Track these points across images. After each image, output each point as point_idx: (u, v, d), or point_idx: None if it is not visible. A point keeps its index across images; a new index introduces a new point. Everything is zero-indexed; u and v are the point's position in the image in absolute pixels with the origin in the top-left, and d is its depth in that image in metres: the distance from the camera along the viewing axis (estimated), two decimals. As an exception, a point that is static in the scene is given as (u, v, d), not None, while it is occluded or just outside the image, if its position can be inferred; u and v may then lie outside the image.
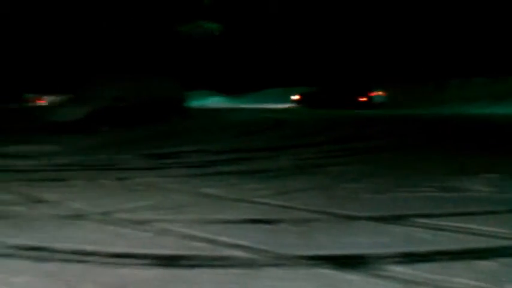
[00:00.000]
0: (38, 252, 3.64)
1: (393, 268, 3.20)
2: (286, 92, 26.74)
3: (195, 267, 3.32)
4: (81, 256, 3.54)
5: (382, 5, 26.53)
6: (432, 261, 3.34)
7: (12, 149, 10.25)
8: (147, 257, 3.50)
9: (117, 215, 4.75)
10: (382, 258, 3.36)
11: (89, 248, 3.70)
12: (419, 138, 11.79)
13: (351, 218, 4.51)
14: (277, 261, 3.41)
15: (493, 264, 3.30)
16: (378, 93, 23.02)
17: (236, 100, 30.07)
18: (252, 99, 29.78)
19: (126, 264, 3.38)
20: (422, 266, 3.24)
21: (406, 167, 7.34)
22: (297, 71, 28.89)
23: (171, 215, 4.73)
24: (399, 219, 4.40)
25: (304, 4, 28.96)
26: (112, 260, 3.47)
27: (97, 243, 3.80)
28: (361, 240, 3.81)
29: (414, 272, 3.12)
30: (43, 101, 26.34)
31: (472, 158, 8.20)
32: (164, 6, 28.32)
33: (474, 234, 3.94)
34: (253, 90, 30.95)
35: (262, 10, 29.73)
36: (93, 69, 22.80)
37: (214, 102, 29.75)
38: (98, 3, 27.34)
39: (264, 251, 3.58)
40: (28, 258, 3.52)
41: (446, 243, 3.72)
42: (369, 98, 22.87)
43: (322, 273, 3.16)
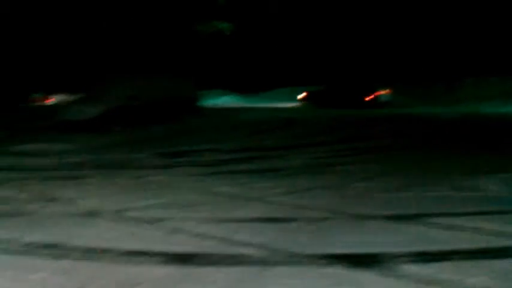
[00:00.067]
0: (53, 250, 3.67)
1: (407, 267, 3.19)
2: (294, 91, 26.73)
3: (207, 265, 3.33)
4: (95, 254, 3.57)
5: (391, 5, 26.41)
6: (446, 260, 3.32)
7: (25, 147, 10.33)
8: (160, 255, 3.52)
9: (131, 213, 4.78)
10: (395, 258, 3.35)
11: (103, 245, 3.73)
12: (429, 137, 11.72)
13: (363, 216, 4.50)
14: (289, 259, 3.41)
15: (508, 263, 3.28)
16: (383, 92, 22.97)
17: (248, 99, 30.11)
18: (263, 98, 29.81)
19: (140, 262, 3.40)
20: (436, 265, 3.23)
21: (417, 166, 7.32)
22: (305, 70, 28.90)
23: (184, 213, 4.76)
24: (412, 218, 4.39)
25: (312, 5, 28.94)
26: (125, 257, 3.49)
27: (111, 241, 3.83)
28: (374, 239, 3.80)
29: (428, 271, 3.11)
30: (51, 101, 26.37)
31: (485, 157, 8.14)
32: (178, 6, 28.37)
33: (488, 233, 3.91)
34: (265, 90, 31.03)
35: (271, 11, 29.78)
36: (103, 68, 22.86)
37: (227, 101, 29.81)
38: (107, 3, 27.44)
39: (276, 250, 3.58)
40: (43, 255, 3.56)
41: (460, 242, 3.70)
42: (375, 97, 22.83)
43: (335, 272, 3.15)
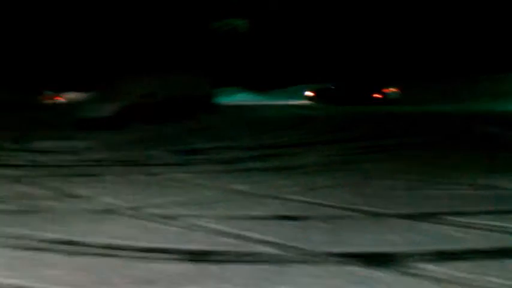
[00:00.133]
0: (70, 246, 3.70)
1: (424, 266, 3.16)
2: (304, 89, 26.73)
3: (223, 262, 3.33)
4: (111, 250, 3.59)
5: (403, 2, 26.22)
6: (464, 259, 3.29)
7: (42, 144, 10.42)
8: (176, 251, 3.53)
9: (147, 210, 4.80)
10: (412, 256, 3.32)
11: (120, 242, 3.75)
12: (445, 135, 11.59)
13: (380, 215, 4.47)
14: (305, 257, 3.40)
15: (527, 263, 3.23)
16: (392, 90, 22.92)
17: (263, 97, 30.13)
18: (277, 95, 29.82)
19: (156, 259, 3.41)
20: (454, 264, 3.19)
21: (434, 165, 7.23)
22: (316, 68, 28.90)
23: (200, 210, 4.77)
24: (430, 216, 4.35)
25: (324, 4, 28.88)
26: (142, 254, 3.51)
27: (127, 238, 3.85)
28: (391, 237, 3.77)
29: (445, 270, 3.08)
30: (61, 98, 26.43)
31: (502, 155, 8.03)
32: (193, 4, 28.44)
33: (506, 232, 3.87)
34: (280, 87, 31.07)
35: (284, 10, 29.78)
36: (119, 66, 22.98)
37: (242, 98, 29.84)
38: (123, 2, 27.58)
39: (292, 248, 3.57)
40: (60, 252, 3.59)
41: (478, 241, 3.66)
42: (383, 94, 22.78)
43: (351, 270, 3.14)
